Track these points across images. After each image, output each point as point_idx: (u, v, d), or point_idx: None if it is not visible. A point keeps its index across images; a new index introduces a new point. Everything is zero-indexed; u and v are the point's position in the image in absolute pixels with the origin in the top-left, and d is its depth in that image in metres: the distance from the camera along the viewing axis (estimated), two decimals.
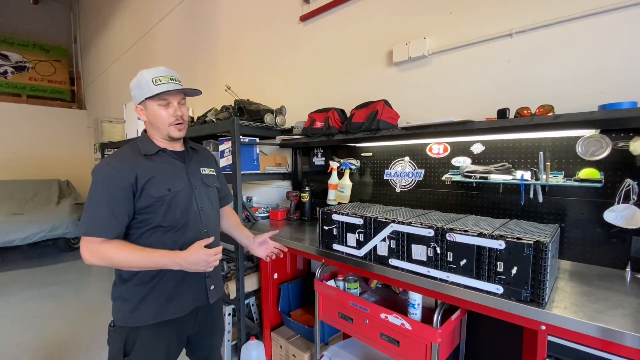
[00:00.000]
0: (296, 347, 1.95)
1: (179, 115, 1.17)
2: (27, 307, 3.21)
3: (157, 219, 1.12)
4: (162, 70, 1.15)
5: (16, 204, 5.36)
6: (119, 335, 1.13)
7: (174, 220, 1.14)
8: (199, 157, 1.34)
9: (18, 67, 7.31)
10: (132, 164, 1.11)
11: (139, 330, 1.12)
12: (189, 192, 1.20)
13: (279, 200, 2.75)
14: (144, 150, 1.18)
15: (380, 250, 1.37)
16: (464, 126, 1.38)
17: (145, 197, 1.10)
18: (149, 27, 4.80)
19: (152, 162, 1.16)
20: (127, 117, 3.55)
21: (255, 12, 3.00)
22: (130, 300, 1.13)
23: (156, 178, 1.13)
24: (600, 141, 1.24)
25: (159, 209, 1.12)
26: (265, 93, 2.90)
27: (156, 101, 1.14)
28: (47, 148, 7.24)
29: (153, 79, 1.13)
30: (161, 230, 1.13)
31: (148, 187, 1.10)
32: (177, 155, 1.24)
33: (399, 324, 1.33)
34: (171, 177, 1.17)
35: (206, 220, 1.24)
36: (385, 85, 2.04)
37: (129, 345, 1.12)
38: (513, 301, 1.00)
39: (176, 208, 1.15)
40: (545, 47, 1.44)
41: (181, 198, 1.17)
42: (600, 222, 1.28)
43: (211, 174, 1.35)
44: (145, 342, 1.12)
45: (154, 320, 1.12)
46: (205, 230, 1.23)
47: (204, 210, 1.24)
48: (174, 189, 1.15)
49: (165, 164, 1.19)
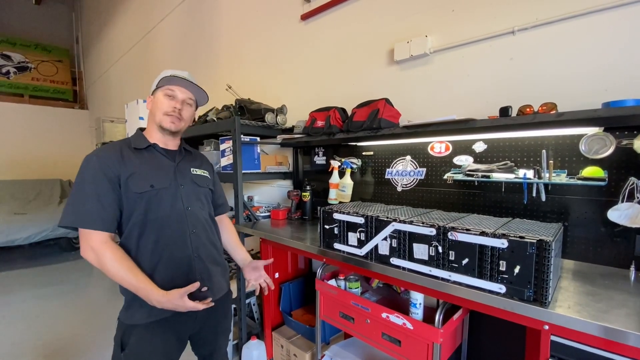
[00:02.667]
0: (297, 346, 1.94)
1: (177, 109, 1.19)
2: (29, 307, 3.22)
3: (138, 215, 1.11)
4: (183, 73, 1.22)
5: (18, 204, 5.39)
6: (119, 330, 1.15)
7: (156, 217, 1.13)
8: (192, 159, 1.33)
9: (20, 68, 7.34)
10: (119, 156, 1.12)
11: (134, 327, 1.12)
12: (174, 190, 1.18)
13: (280, 200, 2.75)
14: (134, 143, 1.18)
15: (382, 250, 1.36)
16: (465, 124, 1.37)
17: (128, 191, 1.09)
18: (151, 27, 4.81)
19: (139, 157, 1.16)
20: (129, 116, 3.55)
21: (256, 11, 2.99)
22: (124, 298, 1.15)
23: (139, 173, 1.12)
24: (604, 139, 1.23)
25: (140, 205, 1.11)
26: (266, 92, 2.89)
27: (163, 90, 1.19)
28: (49, 148, 7.27)
29: (171, 74, 1.18)
30: (144, 227, 1.12)
31: (130, 181, 1.10)
32: (167, 153, 1.24)
33: (400, 323, 1.32)
34: (156, 173, 1.16)
35: (194, 220, 1.22)
36: (386, 83, 2.03)
37: (125, 340, 1.12)
38: (516, 300, 0.99)
39: (159, 205, 1.13)
40: (548, 44, 1.43)
41: (164, 195, 1.15)
42: (604, 221, 1.27)
43: (203, 175, 1.33)
44: (139, 339, 1.12)
45: (146, 319, 1.12)
46: (194, 230, 1.21)
47: (192, 210, 1.22)
48: (158, 185, 1.14)
49: (153, 159, 1.19)
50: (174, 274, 1.15)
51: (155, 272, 1.12)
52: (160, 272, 1.13)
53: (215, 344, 1.36)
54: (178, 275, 1.16)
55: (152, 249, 1.12)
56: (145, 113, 3.21)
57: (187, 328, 1.23)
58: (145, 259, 1.12)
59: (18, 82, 7.29)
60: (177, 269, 1.16)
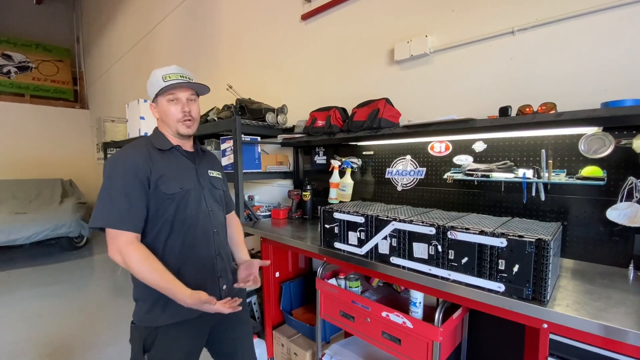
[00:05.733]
0: (298, 345, 1.95)
1: (187, 111, 1.18)
2: (30, 306, 3.23)
3: (167, 216, 1.12)
4: (172, 68, 1.18)
5: (20, 203, 5.40)
6: (138, 333, 1.14)
7: (184, 218, 1.15)
8: (208, 160, 1.35)
9: (21, 67, 7.35)
10: (147, 157, 1.12)
11: (157, 329, 1.12)
12: (198, 192, 1.21)
13: (281, 199, 2.76)
14: (158, 145, 1.18)
15: (382, 249, 1.37)
16: (465, 124, 1.38)
17: (158, 192, 1.10)
18: (151, 26, 4.81)
19: (165, 158, 1.17)
20: (130, 116, 3.56)
21: (256, 11, 3.00)
22: (146, 301, 1.13)
23: (169, 175, 1.13)
24: (603, 139, 1.24)
25: (170, 206, 1.12)
26: (266, 92, 2.90)
27: (165, 97, 1.17)
28: (50, 148, 7.27)
29: (163, 76, 1.16)
30: (171, 228, 1.13)
31: (161, 183, 1.11)
32: (188, 155, 1.25)
33: (400, 322, 1.33)
34: (183, 175, 1.18)
35: (215, 220, 1.25)
36: (386, 83, 2.04)
37: (148, 342, 1.12)
38: (515, 299, 1.00)
39: (187, 206, 1.16)
40: (547, 44, 1.44)
41: (192, 197, 1.17)
42: (602, 220, 1.27)
43: (218, 177, 1.36)
44: (164, 339, 1.12)
45: (170, 320, 1.12)
46: (215, 230, 1.25)
47: (213, 211, 1.26)
48: (186, 187, 1.16)
49: (178, 161, 1.20)
50: (199, 273, 1.18)
51: (182, 270, 1.13)
52: (186, 271, 1.14)
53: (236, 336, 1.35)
54: (203, 274, 1.19)
55: (180, 248, 1.14)
56: (146, 113, 3.22)
57: (210, 320, 1.23)
58: (173, 258, 1.13)
59: (19, 81, 7.30)
60: (202, 267, 1.19)
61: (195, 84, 1.20)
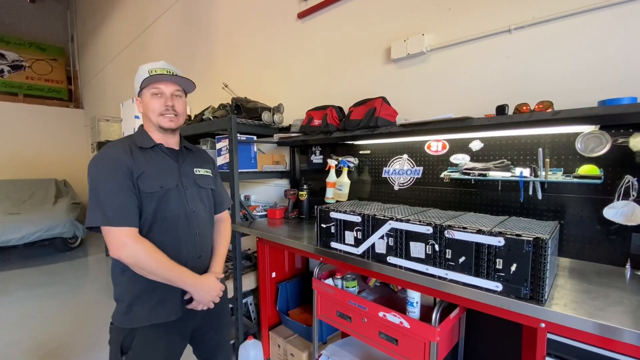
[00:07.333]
0: (294, 346, 1.94)
1: (170, 105, 1.17)
2: (23, 307, 3.19)
3: (147, 215, 1.10)
4: (159, 63, 1.19)
5: (13, 204, 5.33)
6: (116, 334, 1.13)
7: (164, 218, 1.13)
8: (194, 157, 1.32)
9: (15, 66, 7.27)
10: (129, 153, 1.11)
11: (135, 330, 1.10)
12: (180, 192, 1.18)
13: (277, 199, 2.74)
14: (140, 142, 1.17)
15: (379, 248, 1.35)
16: (462, 123, 1.37)
17: (138, 190, 1.09)
18: (146, 25, 4.77)
19: (146, 156, 1.15)
20: (124, 115, 3.53)
21: (252, 9, 2.98)
22: (124, 301, 1.12)
23: (149, 173, 1.11)
24: (600, 137, 1.24)
25: (149, 205, 1.10)
26: (262, 91, 2.88)
27: (149, 89, 1.16)
28: (44, 147, 7.20)
29: (149, 69, 1.16)
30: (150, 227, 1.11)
31: (141, 181, 1.09)
32: (171, 153, 1.23)
33: (397, 322, 1.32)
34: (164, 174, 1.16)
35: (197, 222, 1.22)
36: (383, 82, 2.03)
37: (126, 344, 1.11)
38: (512, 299, 0.99)
39: (167, 206, 1.14)
40: (544, 43, 1.43)
41: (172, 196, 1.15)
42: (599, 219, 1.27)
43: (206, 174, 1.32)
44: (142, 341, 1.11)
45: (148, 322, 1.11)
46: (197, 232, 1.22)
47: (196, 212, 1.22)
48: (166, 186, 1.14)
49: (159, 159, 1.18)
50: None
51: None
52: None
53: (217, 339, 1.35)
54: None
55: (160, 248, 1.11)
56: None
57: (190, 323, 1.23)
58: None
59: (12, 80, 7.22)
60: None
61: (179, 77, 1.19)
